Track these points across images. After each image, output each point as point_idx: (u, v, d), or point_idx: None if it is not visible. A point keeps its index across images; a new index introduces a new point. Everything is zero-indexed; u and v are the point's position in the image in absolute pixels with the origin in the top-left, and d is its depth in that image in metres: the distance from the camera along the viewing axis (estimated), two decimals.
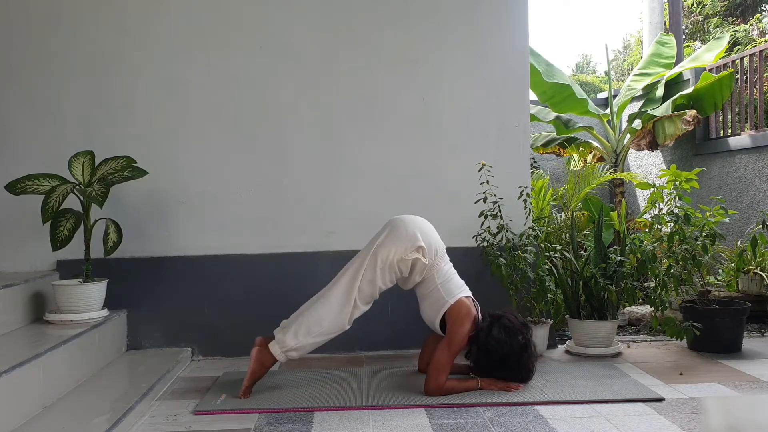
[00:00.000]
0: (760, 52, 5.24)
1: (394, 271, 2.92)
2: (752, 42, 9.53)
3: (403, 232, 2.91)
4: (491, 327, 2.88)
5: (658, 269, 3.54)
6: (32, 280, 3.32)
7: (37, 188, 3.20)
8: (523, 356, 2.90)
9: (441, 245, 3.00)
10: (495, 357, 2.87)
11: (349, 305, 2.89)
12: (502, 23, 3.77)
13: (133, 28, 3.68)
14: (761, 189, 4.93)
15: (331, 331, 2.91)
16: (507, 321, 2.91)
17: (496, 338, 2.86)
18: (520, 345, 2.89)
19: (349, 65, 3.74)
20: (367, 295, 2.92)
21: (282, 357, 2.89)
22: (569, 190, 5.25)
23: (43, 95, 3.65)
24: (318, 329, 2.88)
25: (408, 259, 2.88)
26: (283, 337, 2.88)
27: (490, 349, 2.86)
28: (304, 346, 2.89)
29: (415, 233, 2.90)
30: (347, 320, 2.91)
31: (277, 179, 3.71)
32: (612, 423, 2.52)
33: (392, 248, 2.88)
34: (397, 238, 2.90)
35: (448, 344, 2.86)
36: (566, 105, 5.54)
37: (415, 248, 2.88)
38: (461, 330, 2.86)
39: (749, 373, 3.13)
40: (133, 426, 2.57)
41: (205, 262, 3.66)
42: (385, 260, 2.89)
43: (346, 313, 2.89)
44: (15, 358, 2.48)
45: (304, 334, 2.87)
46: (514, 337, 2.88)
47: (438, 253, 2.95)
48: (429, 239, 2.93)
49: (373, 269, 2.89)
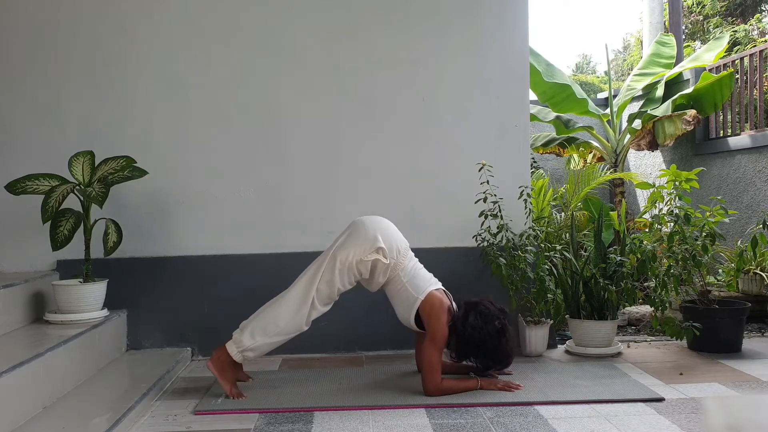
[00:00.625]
0: (760, 52, 5.24)
1: (353, 273, 2.93)
2: (752, 42, 9.53)
3: (362, 234, 2.92)
4: (467, 314, 2.91)
5: (658, 269, 3.55)
6: (32, 280, 3.32)
7: (37, 188, 3.20)
8: (501, 341, 2.91)
9: (403, 243, 3.00)
10: (473, 344, 2.89)
11: (306, 306, 2.90)
12: (502, 23, 3.77)
13: (133, 28, 3.68)
14: (761, 189, 4.93)
15: (288, 332, 2.92)
16: (483, 307, 2.93)
17: (473, 325, 2.88)
18: (497, 330, 2.90)
19: (349, 65, 3.74)
20: (325, 296, 2.93)
21: (239, 357, 2.90)
22: (569, 190, 5.25)
23: (43, 95, 3.65)
24: (274, 329, 2.89)
25: (367, 261, 2.89)
26: (240, 336, 2.90)
27: (467, 336, 2.88)
28: (260, 346, 2.90)
29: (375, 235, 2.91)
30: (305, 321, 2.92)
31: (277, 179, 3.71)
32: (612, 423, 2.52)
33: (351, 250, 2.89)
34: (356, 240, 2.91)
35: (431, 341, 2.87)
36: (566, 105, 5.54)
37: (375, 249, 2.88)
38: (439, 323, 2.87)
39: (749, 373, 3.13)
40: (133, 426, 2.57)
41: (205, 262, 3.66)
42: (344, 262, 2.90)
43: (303, 314, 2.90)
44: (15, 358, 2.48)
45: (260, 334, 2.89)
46: (491, 322, 2.89)
47: (400, 252, 2.95)
48: (389, 239, 2.93)
49: (331, 271, 2.90)
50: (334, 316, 3.56)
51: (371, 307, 3.03)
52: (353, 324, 3.02)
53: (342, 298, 3.11)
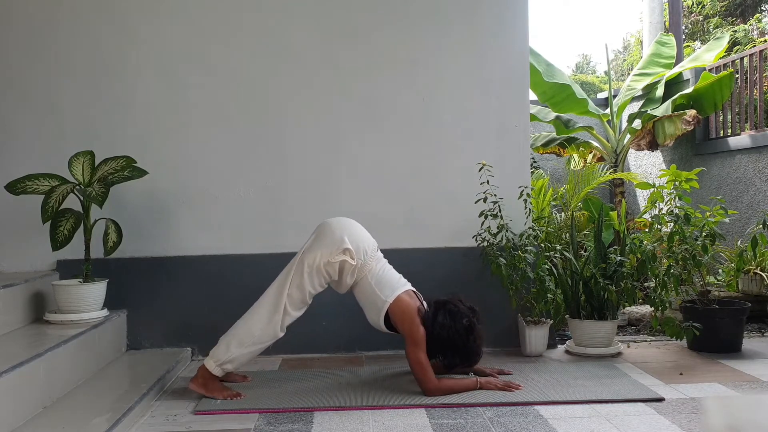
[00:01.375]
0: (760, 52, 5.24)
1: (322, 275, 2.93)
2: (752, 42, 9.53)
3: (329, 236, 2.93)
4: (436, 314, 2.93)
5: (658, 269, 3.55)
6: (32, 280, 3.32)
7: (37, 188, 3.20)
8: (468, 339, 2.92)
9: (372, 244, 3.01)
10: (442, 342, 2.91)
11: (278, 312, 2.90)
12: (503, 23, 3.76)
13: (133, 28, 3.68)
14: (761, 189, 4.93)
15: (263, 340, 2.93)
16: (452, 306, 2.94)
17: (441, 324, 2.90)
18: (465, 327, 2.91)
19: (349, 65, 3.73)
20: (297, 301, 2.93)
21: (217, 371, 2.91)
22: (569, 190, 5.25)
23: (43, 95, 3.65)
24: (250, 339, 2.90)
25: (334, 262, 2.89)
26: (216, 350, 2.92)
27: (437, 335, 2.89)
28: (237, 357, 2.91)
29: (342, 236, 2.92)
30: (279, 327, 2.92)
31: (277, 179, 3.71)
32: (612, 423, 2.52)
33: (318, 252, 2.90)
34: (323, 242, 2.92)
35: (411, 343, 2.88)
36: (566, 105, 5.54)
37: (341, 251, 2.89)
38: (413, 325, 2.88)
39: (749, 373, 3.13)
40: (133, 426, 2.57)
41: (205, 262, 3.66)
42: (312, 264, 2.90)
43: (276, 321, 2.91)
44: (15, 358, 2.48)
45: (236, 346, 2.90)
46: (459, 320, 2.91)
47: (367, 253, 2.95)
48: (356, 241, 2.94)
49: (300, 274, 2.91)
50: (334, 316, 3.58)
51: None
52: (353, 324, 3.02)
53: (342, 298, 3.11)
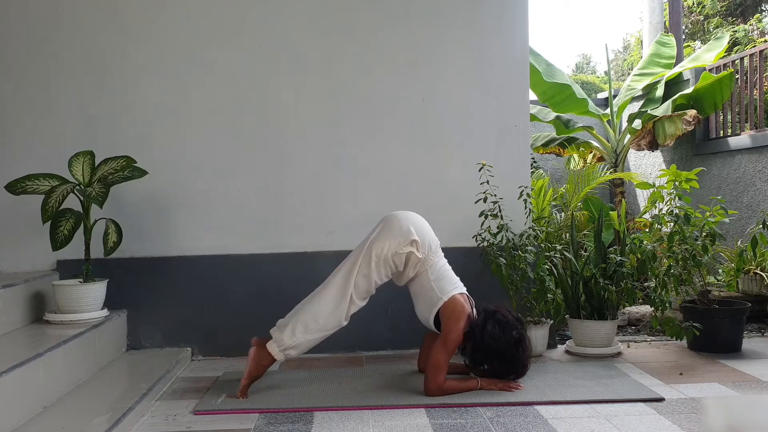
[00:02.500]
0: (760, 52, 5.24)
1: (389, 266, 2.93)
2: (752, 42, 9.53)
3: (396, 227, 2.93)
4: (485, 322, 2.90)
5: (658, 269, 3.55)
6: (32, 280, 3.32)
7: (37, 188, 3.20)
8: (518, 351, 2.91)
9: (435, 241, 3.01)
10: (490, 352, 2.89)
11: (345, 301, 2.89)
12: (502, 23, 3.77)
13: (133, 28, 3.68)
14: (761, 189, 4.93)
15: (328, 328, 2.91)
16: (501, 316, 2.92)
17: (491, 333, 2.87)
18: (515, 340, 2.90)
19: (349, 65, 3.74)
20: (363, 290, 2.93)
21: (280, 356, 2.89)
22: (569, 190, 5.25)
23: (43, 95, 3.65)
24: (315, 326, 2.88)
25: (402, 253, 2.90)
26: (281, 335, 2.88)
27: (485, 344, 2.87)
28: (301, 344, 2.89)
29: (409, 227, 2.92)
30: (344, 316, 2.91)
31: (277, 179, 3.71)
32: (612, 423, 2.52)
33: (386, 242, 2.90)
34: (391, 233, 2.92)
35: (443, 342, 2.86)
36: (566, 105, 5.54)
37: (409, 242, 2.89)
38: (456, 327, 2.87)
39: (749, 373, 3.13)
40: (133, 426, 2.57)
41: (205, 262, 3.66)
42: (380, 254, 2.90)
43: (342, 309, 2.89)
44: (15, 358, 2.48)
45: (301, 332, 2.87)
46: (509, 332, 2.89)
47: (432, 249, 2.96)
48: (423, 234, 2.95)
49: (368, 264, 2.90)
50: None
51: (371, 307, 3.03)
52: (353, 324, 3.02)
53: None
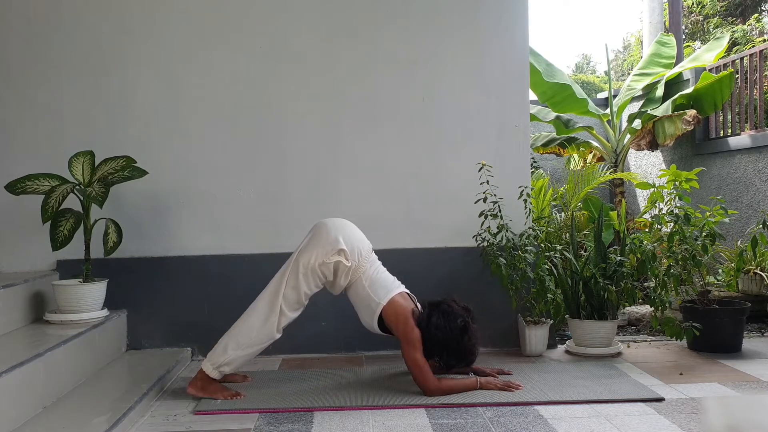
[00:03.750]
0: (760, 52, 5.24)
1: (317, 276, 2.93)
2: (752, 42, 9.52)
3: (324, 236, 2.93)
4: (431, 315, 2.92)
5: (658, 269, 3.55)
6: (32, 280, 3.32)
7: (37, 188, 3.20)
8: (463, 339, 2.92)
9: (366, 246, 3.01)
10: (437, 343, 2.90)
11: (275, 314, 2.90)
12: (502, 23, 3.77)
13: (133, 28, 3.67)
14: (761, 189, 4.93)
15: (260, 341, 2.92)
16: (446, 306, 2.94)
17: (436, 324, 2.89)
18: (459, 328, 2.90)
19: (349, 65, 3.73)
20: (293, 302, 2.93)
21: (215, 373, 2.90)
22: (569, 190, 5.25)
23: (43, 95, 3.65)
24: (247, 341, 2.90)
25: (329, 263, 2.90)
26: (213, 353, 2.92)
27: (431, 336, 2.89)
28: (234, 360, 2.91)
29: (337, 237, 2.92)
30: (275, 328, 2.92)
31: (277, 179, 3.71)
32: (612, 423, 2.52)
33: (313, 253, 2.90)
34: (318, 243, 2.92)
35: (407, 344, 2.88)
36: (566, 105, 5.54)
37: (336, 251, 2.89)
38: (407, 326, 2.88)
39: (749, 373, 3.13)
40: (133, 426, 2.57)
41: (205, 262, 3.66)
42: (307, 265, 2.90)
43: (273, 322, 2.90)
44: (15, 358, 2.48)
45: (233, 348, 2.90)
46: (453, 321, 2.90)
47: (362, 255, 2.95)
48: (351, 242, 2.94)
49: (296, 275, 2.91)
50: (334, 316, 3.58)
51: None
52: (353, 324, 3.02)
53: (341, 298, 3.11)
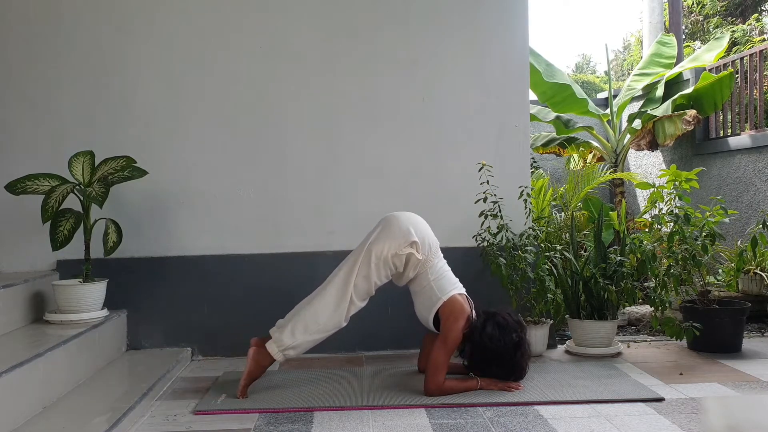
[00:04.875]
0: (759, 52, 5.24)
1: (389, 267, 2.93)
2: (752, 42, 9.52)
3: (396, 228, 2.92)
4: (485, 324, 2.89)
5: (658, 269, 3.55)
6: (32, 280, 3.32)
7: (37, 188, 3.20)
8: (516, 354, 2.90)
9: (435, 242, 3.01)
10: (488, 354, 2.88)
11: (345, 301, 2.89)
12: (502, 23, 3.77)
13: (133, 28, 3.67)
14: (761, 189, 4.93)
15: (328, 328, 2.91)
16: (501, 318, 2.92)
17: (490, 335, 2.86)
18: (514, 343, 2.89)
19: (349, 65, 3.74)
20: (362, 291, 2.93)
21: (280, 356, 2.89)
22: (569, 190, 5.25)
23: (43, 95, 3.65)
24: (315, 326, 2.88)
25: (402, 254, 2.89)
26: (280, 335, 2.88)
27: (483, 346, 2.87)
28: (301, 344, 2.89)
29: (409, 228, 2.92)
30: (344, 317, 2.91)
31: (277, 179, 3.71)
32: (612, 423, 2.52)
33: (386, 244, 2.90)
34: (390, 234, 2.91)
35: (443, 342, 2.86)
36: (566, 105, 5.54)
37: (409, 243, 2.89)
38: (455, 327, 2.87)
39: (749, 373, 3.13)
40: (133, 426, 2.57)
41: (205, 262, 3.66)
42: (380, 256, 2.89)
43: (342, 310, 2.89)
44: (15, 358, 2.48)
45: (301, 332, 2.87)
46: (508, 334, 2.88)
47: (431, 249, 2.96)
48: (422, 235, 2.94)
49: (367, 265, 2.90)
50: None
51: (371, 307, 3.03)
52: (353, 324, 3.02)
53: None
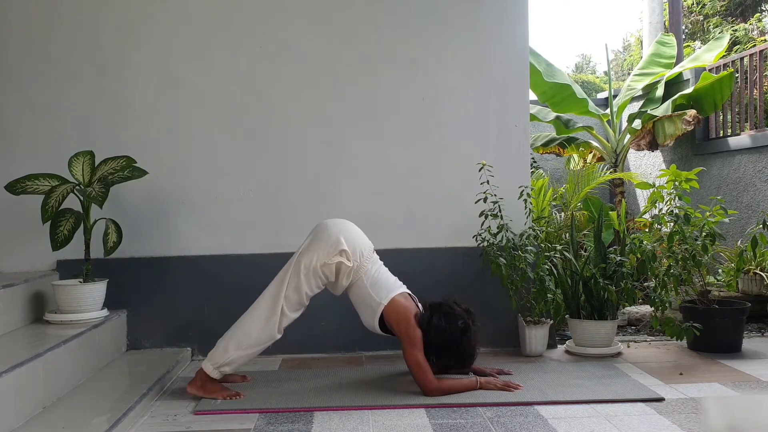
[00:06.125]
0: (760, 51, 5.24)
1: (319, 277, 2.93)
2: (752, 42, 9.52)
3: (325, 237, 2.92)
4: (431, 316, 2.92)
5: (658, 269, 3.55)
6: (32, 280, 3.32)
7: (37, 188, 3.20)
8: (462, 340, 2.92)
9: (368, 246, 3.01)
10: (437, 344, 2.90)
11: (276, 314, 2.90)
12: (502, 23, 3.77)
13: (133, 28, 3.67)
14: (761, 189, 4.93)
15: (261, 342, 2.92)
16: (447, 308, 2.94)
17: (436, 326, 2.89)
18: (460, 330, 2.91)
19: (349, 65, 3.73)
20: (294, 303, 2.93)
21: (215, 373, 2.90)
22: (569, 190, 5.25)
23: (43, 95, 3.65)
24: (248, 341, 2.90)
25: (331, 263, 2.89)
26: (213, 353, 2.91)
27: (432, 337, 2.89)
28: (235, 360, 2.91)
29: (338, 237, 2.91)
30: (276, 329, 2.92)
31: (277, 179, 3.71)
32: (612, 423, 2.52)
33: (315, 254, 2.90)
34: (319, 244, 2.91)
35: (408, 345, 2.88)
36: (566, 105, 5.54)
37: (338, 252, 2.88)
38: (408, 326, 2.88)
39: (749, 373, 3.13)
40: (133, 426, 2.57)
41: (205, 262, 3.66)
42: (308, 266, 2.90)
43: (274, 323, 2.90)
44: (15, 358, 2.48)
45: (234, 348, 2.89)
46: (454, 322, 2.91)
47: (364, 255, 2.95)
48: (353, 242, 2.94)
49: (297, 276, 2.90)
50: (334, 316, 3.58)
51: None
52: (353, 324, 3.02)
53: (341, 298, 3.11)
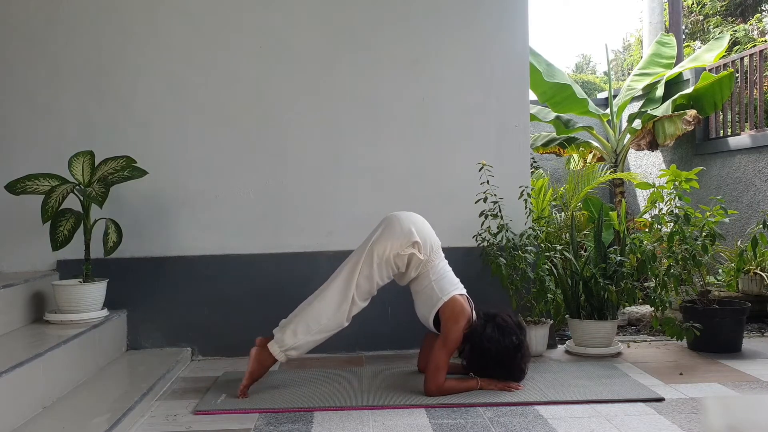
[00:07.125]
0: (760, 52, 5.24)
1: (391, 267, 2.92)
2: (752, 42, 9.52)
3: (398, 228, 2.92)
4: (485, 326, 2.89)
5: (658, 269, 3.55)
6: (32, 280, 3.32)
7: (37, 188, 3.20)
8: (516, 356, 2.90)
9: (436, 241, 3.01)
10: (488, 356, 2.88)
11: (347, 302, 2.89)
12: (503, 23, 3.77)
13: (133, 29, 3.67)
14: (761, 189, 4.93)
15: (330, 329, 2.91)
16: (501, 320, 2.91)
17: (489, 337, 2.86)
18: (514, 345, 2.89)
19: (349, 65, 3.74)
20: (364, 292, 2.93)
21: (281, 356, 2.89)
22: (569, 190, 5.25)
23: (43, 95, 3.65)
24: (317, 327, 2.88)
25: (404, 254, 2.89)
26: (282, 336, 2.88)
27: (483, 348, 2.87)
28: (303, 345, 2.89)
29: (411, 228, 2.91)
30: (345, 317, 2.91)
31: (277, 179, 3.71)
32: (612, 423, 2.52)
33: (388, 244, 2.89)
34: (392, 234, 2.91)
35: (443, 343, 2.86)
36: (566, 105, 5.54)
37: (411, 243, 2.89)
38: (455, 327, 2.87)
39: (749, 373, 3.13)
40: (133, 426, 2.57)
41: (205, 262, 3.66)
42: (381, 256, 2.89)
43: (344, 310, 2.89)
44: (15, 358, 2.48)
45: (303, 333, 2.87)
46: (508, 336, 2.88)
47: (433, 249, 2.96)
48: (424, 235, 2.94)
49: (369, 265, 2.90)
50: None
51: (371, 307, 3.03)
52: (353, 324, 3.02)
53: None
